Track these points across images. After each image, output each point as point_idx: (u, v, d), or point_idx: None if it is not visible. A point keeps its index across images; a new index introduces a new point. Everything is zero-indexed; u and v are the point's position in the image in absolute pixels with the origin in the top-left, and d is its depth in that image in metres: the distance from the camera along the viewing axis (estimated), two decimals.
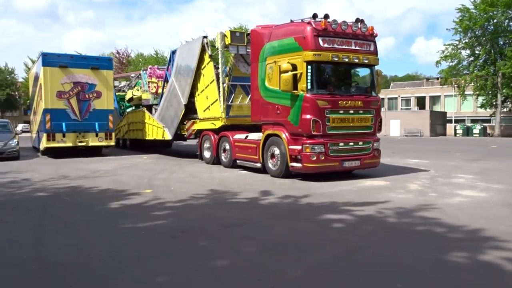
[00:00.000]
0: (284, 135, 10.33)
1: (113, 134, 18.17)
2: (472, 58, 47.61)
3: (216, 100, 13.45)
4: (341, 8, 71.86)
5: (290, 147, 10.13)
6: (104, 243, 5.22)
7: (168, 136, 16.45)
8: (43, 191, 9.19)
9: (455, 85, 49.06)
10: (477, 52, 47.06)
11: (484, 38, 45.77)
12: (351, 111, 10.07)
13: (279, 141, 10.55)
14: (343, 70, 10.34)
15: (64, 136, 16.96)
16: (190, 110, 15.33)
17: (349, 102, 10.01)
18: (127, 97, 22.72)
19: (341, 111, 9.95)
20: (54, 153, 17.72)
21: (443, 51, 47.58)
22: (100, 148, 18.96)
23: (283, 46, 10.35)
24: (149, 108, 19.44)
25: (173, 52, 16.50)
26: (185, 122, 15.46)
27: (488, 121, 52.02)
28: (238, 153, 12.36)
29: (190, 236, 5.54)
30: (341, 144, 10.03)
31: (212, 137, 13.85)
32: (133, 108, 22.25)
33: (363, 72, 10.85)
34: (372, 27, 10.23)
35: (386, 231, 5.71)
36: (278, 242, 5.18)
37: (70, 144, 17.17)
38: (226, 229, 5.88)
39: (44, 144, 16.84)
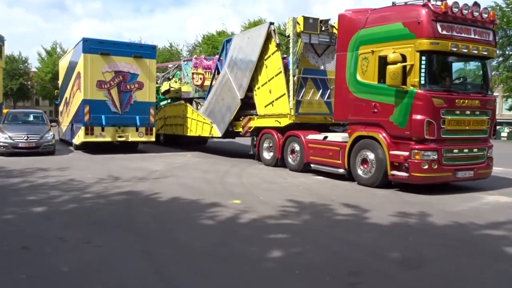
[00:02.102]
0: (383, 138, 8.79)
1: (154, 129, 16.72)
2: (501, 59, 45.66)
3: (284, 94, 11.92)
4: (349, 3, 69.97)
5: (392, 152, 8.59)
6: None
7: (218, 133, 14.96)
8: (106, 197, 7.75)
9: None
10: (507, 52, 45.11)
11: None
12: (467, 112, 8.51)
13: (374, 145, 9.02)
14: (458, 63, 8.73)
15: (103, 130, 15.52)
16: (244, 105, 13.84)
17: (466, 101, 8.45)
18: (163, 89, 21.21)
19: (457, 112, 8.39)
20: (89, 148, 16.33)
21: None
22: (136, 144, 17.58)
23: (386, 33, 8.79)
24: (189, 101, 17.97)
25: (227, 41, 14.99)
26: (241, 119, 13.94)
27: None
28: (313, 156, 10.83)
29: (368, 279, 4.04)
30: (455, 150, 8.47)
31: (276, 137, 12.34)
32: (169, 101, 20.79)
33: (477, 66, 9.24)
34: (493, 12, 8.65)
35: None
36: None
37: (109, 139, 15.75)
38: (407, 271, 4.32)
39: (81, 138, 15.42)
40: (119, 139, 15.89)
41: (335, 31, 12.33)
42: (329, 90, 12.18)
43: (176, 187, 8.84)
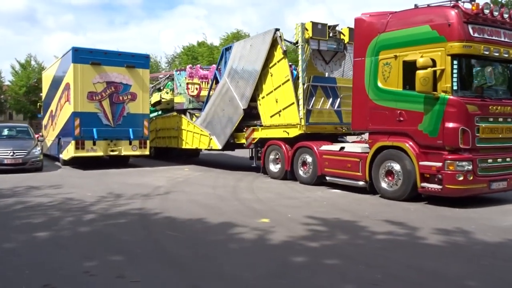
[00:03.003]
0: (410, 148, 8.25)
1: (148, 142, 15.85)
2: None
3: (292, 103, 11.32)
4: (322, 16, 70.84)
5: (422, 163, 8.04)
6: None
7: (218, 146, 14.21)
8: (114, 218, 6.96)
9: None
10: None
11: None
12: (500, 119, 8.07)
13: (400, 156, 8.47)
14: (490, 67, 8.29)
15: (94, 144, 14.56)
16: (246, 116, 13.18)
17: (499, 107, 8.01)
18: (153, 100, 20.29)
19: (491, 119, 7.94)
20: (77, 163, 15.33)
21: None
22: (127, 158, 16.67)
23: (411, 37, 8.31)
24: (182, 113, 17.17)
25: (226, 49, 14.37)
26: (244, 130, 13.24)
27: None
28: (328, 167, 10.22)
29: None
30: (489, 160, 7.99)
31: (283, 148, 11.69)
32: (160, 112, 19.94)
33: (508, 69, 8.78)
34: None
35: None
36: None
37: (101, 153, 14.80)
38: None
39: (71, 153, 14.42)
40: (112, 153, 14.95)
41: (342, 37, 11.90)
42: (339, 99, 11.65)
43: (190, 205, 8.08)
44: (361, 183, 9.40)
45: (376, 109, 8.93)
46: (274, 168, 12.22)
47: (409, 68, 8.27)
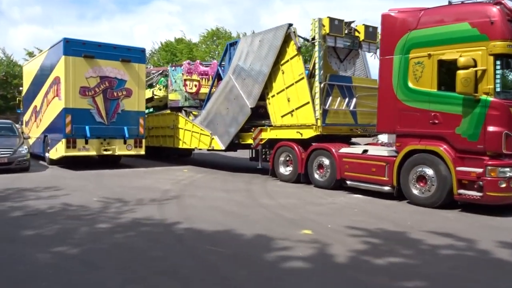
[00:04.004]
0: (446, 152, 7.78)
1: (144, 141, 14.96)
2: None
3: (307, 103, 10.73)
4: (297, 16, 70.58)
5: (459, 168, 7.58)
6: None
7: (220, 146, 13.48)
8: (134, 227, 6.22)
9: None
10: None
11: None
12: None
13: (434, 160, 7.99)
14: None
15: (86, 142, 13.60)
16: (252, 115, 12.52)
17: None
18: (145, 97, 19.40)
19: None
20: (66, 162, 14.32)
21: None
22: (119, 157, 15.74)
23: (448, 34, 7.83)
24: (177, 110, 16.34)
25: (231, 45, 13.65)
26: (252, 130, 12.57)
27: None
28: (349, 171, 9.67)
29: None
30: None
31: (296, 150, 11.09)
32: (151, 110, 19.00)
33: None
34: None
35: None
36: None
37: (93, 153, 13.84)
38: None
39: (61, 152, 13.40)
40: (105, 152, 14.01)
41: (357, 34, 11.40)
42: (354, 99, 11.13)
43: (212, 212, 7.36)
44: (386, 188, 8.89)
45: (406, 111, 8.44)
46: (284, 170, 11.60)
47: (446, 68, 7.84)
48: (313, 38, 10.68)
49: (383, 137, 12.58)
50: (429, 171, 8.07)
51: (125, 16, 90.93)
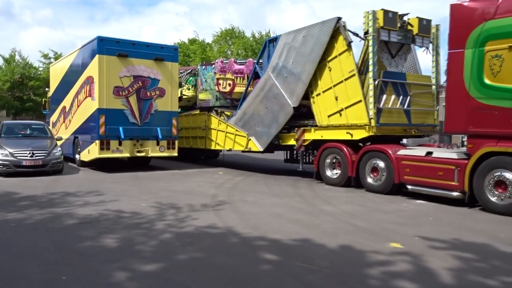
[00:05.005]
0: None
1: (177, 142, 14.44)
2: None
3: (359, 101, 10.08)
4: (304, 16, 69.84)
5: None
6: None
7: (258, 147, 12.90)
8: (202, 238, 5.68)
9: None
10: None
11: None
12: None
13: None
14: None
15: (120, 144, 13.12)
16: (293, 115, 11.91)
17: None
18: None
19: None
20: (96, 164, 13.87)
21: None
22: (149, 159, 15.29)
23: None
24: (208, 110, 15.77)
25: (270, 41, 13.05)
26: (295, 130, 11.94)
27: None
28: (409, 175, 8.99)
29: None
30: None
31: (346, 151, 10.44)
32: (179, 110, 18.46)
33: None
34: None
35: None
36: None
37: (127, 154, 13.37)
38: None
39: (94, 153, 12.93)
40: (138, 154, 13.53)
41: (410, 27, 10.70)
42: (408, 97, 10.44)
43: (276, 220, 6.75)
44: (455, 194, 8.19)
45: (481, 109, 7.74)
46: (331, 173, 10.95)
47: None
48: (366, 32, 10.03)
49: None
50: (510, 176, 7.36)
51: (133, 18, 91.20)
